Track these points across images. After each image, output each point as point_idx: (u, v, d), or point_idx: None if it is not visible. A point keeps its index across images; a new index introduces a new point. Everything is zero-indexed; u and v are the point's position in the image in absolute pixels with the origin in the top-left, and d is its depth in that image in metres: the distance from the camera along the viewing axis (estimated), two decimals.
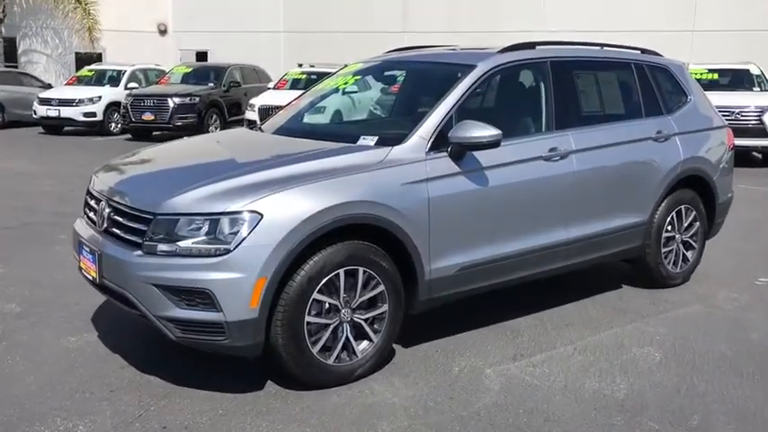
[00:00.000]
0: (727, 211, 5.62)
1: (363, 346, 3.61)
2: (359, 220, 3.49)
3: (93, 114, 16.57)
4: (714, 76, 13.48)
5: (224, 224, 3.23)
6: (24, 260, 5.77)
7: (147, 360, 3.80)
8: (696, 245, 5.33)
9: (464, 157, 3.87)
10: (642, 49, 5.43)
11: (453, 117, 3.93)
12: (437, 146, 3.82)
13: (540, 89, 4.51)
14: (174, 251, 3.25)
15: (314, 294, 3.37)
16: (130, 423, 3.15)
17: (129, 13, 24.24)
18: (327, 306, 3.46)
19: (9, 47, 23.52)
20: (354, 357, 3.58)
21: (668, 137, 5.02)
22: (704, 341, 4.22)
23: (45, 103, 16.65)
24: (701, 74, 13.08)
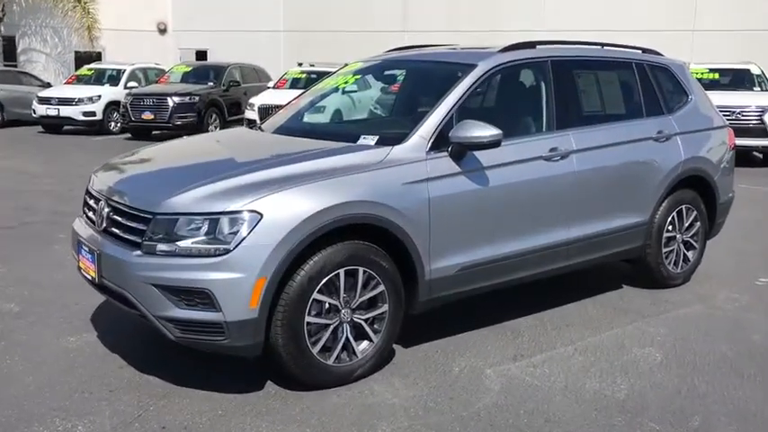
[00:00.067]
0: (728, 211, 5.61)
1: (363, 346, 3.60)
2: (359, 220, 3.48)
3: (93, 113, 16.55)
4: (715, 76, 13.48)
5: (224, 224, 3.22)
6: (23, 260, 5.76)
7: (147, 360, 3.79)
8: (697, 245, 5.32)
9: (464, 156, 3.86)
10: (643, 49, 5.42)
11: (454, 117, 3.92)
12: (437, 145, 3.81)
13: (541, 89, 4.50)
14: (174, 251, 3.24)
15: (314, 294, 3.36)
16: (129, 423, 3.14)
17: (129, 12, 24.24)
18: (327, 306, 3.45)
19: (8, 45, 23.53)
20: (354, 358, 3.57)
21: (669, 137, 5.01)
22: (705, 342, 4.22)
23: (44, 102, 16.63)
24: (701, 73, 13.07)
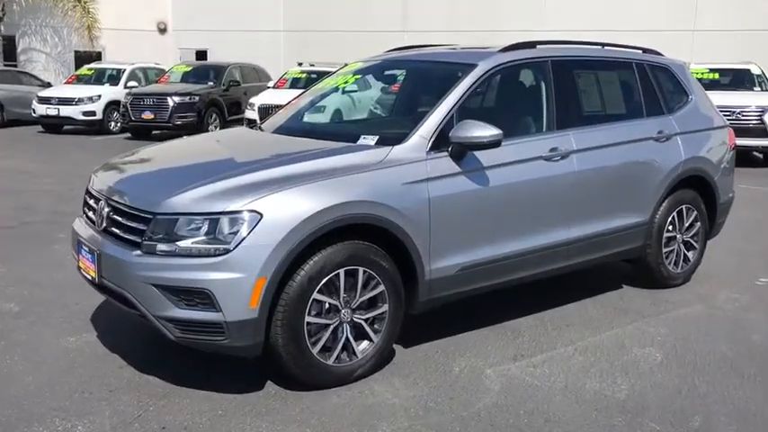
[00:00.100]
0: (728, 211, 5.61)
1: (363, 346, 3.60)
2: (359, 220, 3.47)
3: (93, 113, 16.54)
4: (715, 76, 13.47)
5: (223, 224, 3.22)
6: (23, 259, 5.75)
7: (147, 360, 3.79)
8: (697, 245, 5.32)
9: (465, 156, 3.85)
10: (643, 49, 5.41)
11: (454, 117, 3.91)
12: (438, 145, 3.81)
13: (541, 89, 4.50)
14: (174, 251, 3.24)
15: (314, 294, 3.35)
16: (129, 423, 3.14)
17: (129, 11, 24.24)
18: (327, 306, 3.45)
19: (8, 45, 23.52)
20: (354, 358, 3.57)
21: (669, 137, 5.01)
22: (705, 342, 4.22)
23: (44, 101, 16.61)
24: (701, 73, 13.07)
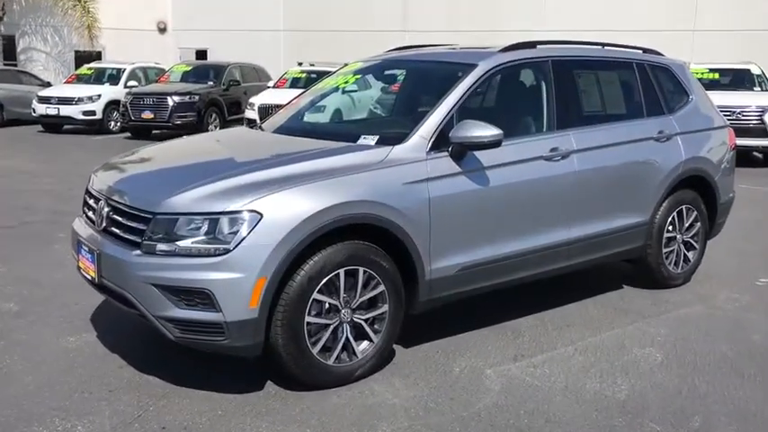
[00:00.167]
0: (728, 212, 5.61)
1: (363, 346, 3.59)
2: (359, 220, 3.47)
3: (93, 113, 16.53)
4: (715, 76, 13.47)
5: (223, 224, 3.22)
6: (23, 259, 5.75)
7: (146, 360, 3.79)
8: (697, 245, 5.32)
9: (465, 156, 3.85)
10: (644, 49, 5.41)
11: (454, 116, 3.91)
12: (438, 145, 3.81)
13: (542, 88, 4.49)
14: (174, 251, 3.23)
15: (314, 294, 3.35)
16: (129, 423, 3.14)
17: (129, 11, 24.24)
18: (327, 306, 3.44)
19: (8, 45, 23.52)
20: (354, 358, 3.56)
21: (670, 137, 5.00)
22: (705, 342, 4.21)
23: (44, 101, 16.60)
24: (702, 73, 13.06)
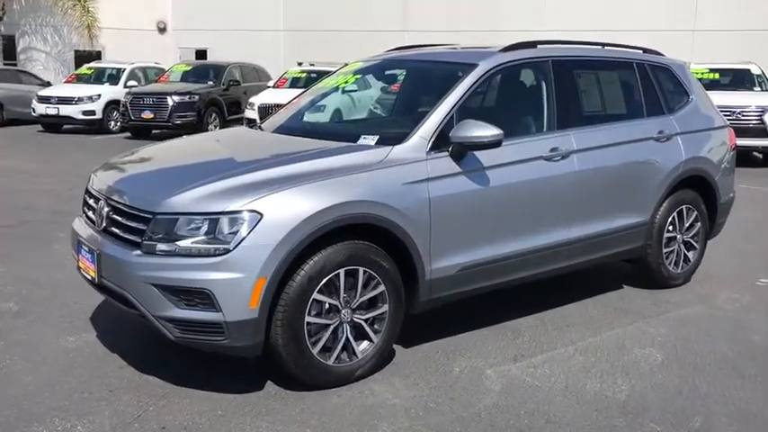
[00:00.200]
0: (728, 212, 5.60)
1: (363, 346, 3.59)
2: (359, 220, 3.47)
3: (93, 113, 16.53)
4: (715, 76, 13.47)
5: (223, 224, 3.21)
6: (23, 259, 5.75)
7: (146, 360, 3.79)
8: (697, 245, 5.32)
9: (465, 156, 3.85)
10: (644, 49, 5.41)
11: (454, 116, 3.91)
12: (438, 145, 3.80)
13: (542, 88, 4.49)
14: (174, 251, 3.23)
15: (314, 294, 3.35)
16: (129, 423, 3.14)
17: (129, 10, 24.23)
18: (327, 306, 3.44)
19: (8, 44, 23.52)
20: (354, 358, 3.56)
21: (670, 137, 5.00)
22: (706, 342, 4.21)
23: (44, 101, 16.60)
24: (702, 73, 13.06)
